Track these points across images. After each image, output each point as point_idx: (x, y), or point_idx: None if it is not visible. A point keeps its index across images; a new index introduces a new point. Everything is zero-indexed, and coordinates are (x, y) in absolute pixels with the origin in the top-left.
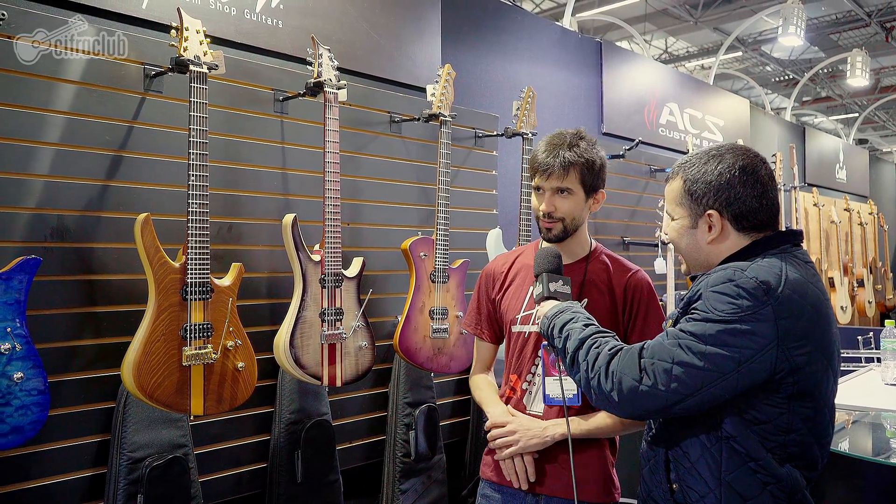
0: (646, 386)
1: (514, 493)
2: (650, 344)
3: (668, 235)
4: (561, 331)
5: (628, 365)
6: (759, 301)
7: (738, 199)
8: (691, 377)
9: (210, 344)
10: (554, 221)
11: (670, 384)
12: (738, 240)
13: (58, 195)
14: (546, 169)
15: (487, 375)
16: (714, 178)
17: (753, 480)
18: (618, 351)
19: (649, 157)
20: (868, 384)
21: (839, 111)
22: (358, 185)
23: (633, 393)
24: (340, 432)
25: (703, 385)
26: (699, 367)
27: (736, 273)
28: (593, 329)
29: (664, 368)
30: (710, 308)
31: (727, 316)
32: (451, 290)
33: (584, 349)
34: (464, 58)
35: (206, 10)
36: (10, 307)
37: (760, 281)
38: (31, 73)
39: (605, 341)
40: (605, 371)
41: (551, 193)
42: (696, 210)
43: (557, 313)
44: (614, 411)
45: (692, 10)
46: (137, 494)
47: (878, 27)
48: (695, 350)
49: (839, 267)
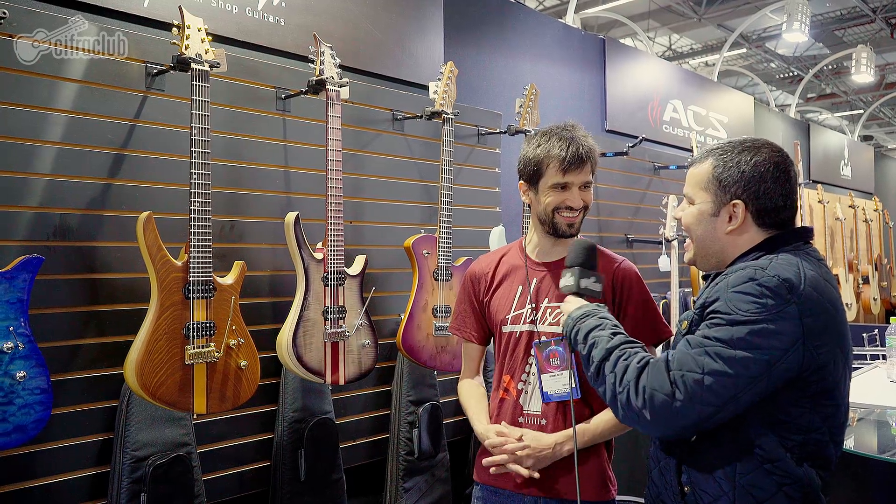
0: (679, 401)
1: (513, 496)
2: (675, 355)
3: (684, 220)
4: (586, 337)
5: (657, 379)
6: (783, 299)
7: (766, 194)
8: (724, 386)
9: (213, 342)
10: (580, 213)
11: (703, 395)
12: (755, 235)
13: (60, 194)
14: (579, 164)
15: (476, 381)
16: (749, 168)
17: (769, 482)
18: (646, 364)
19: (653, 154)
20: (873, 381)
21: (844, 108)
22: (360, 182)
23: (666, 409)
24: (344, 430)
25: (737, 393)
26: (730, 374)
27: (757, 272)
28: (621, 338)
29: (695, 379)
30: (733, 309)
31: (752, 316)
32: (454, 288)
33: (611, 360)
34: (466, 55)
35: (207, 8)
36: (12, 306)
37: (783, 279)
38: (33, 73)
39: (633, 352)
40: (635, 387)
41: (579, 187)
42: (722, 198)
43: (583, 316)
44: (646, 429)
45: (696, 6)
46: (141, 493)
47: (883, 23)
48: (724, 356)
49: (844, 264)
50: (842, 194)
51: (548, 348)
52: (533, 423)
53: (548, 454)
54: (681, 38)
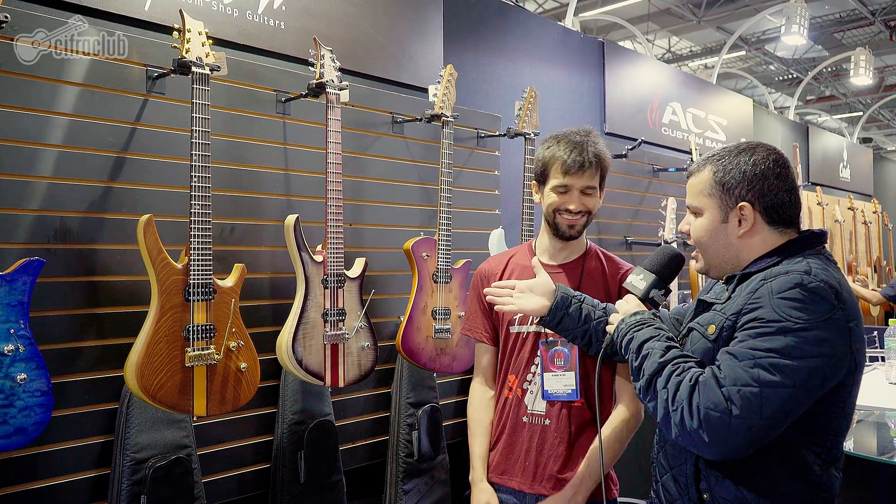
0: (737, 417)
1: (516, 494)
2: (724, 370)
3: (693, 233)
4: (640, 347)
5: (711, 398)
6: (831, 305)
7: (771, 191)
8: (782, 398)
9: (213, 345)
10: (580, 216)
11: (763, 409)
12: (768, 235)
13: (61, 197)
14: (580, 168)
15: (488, 398)
16: (749, 167)
17: (797, 489)
18: (697, 381)
19: (652, 156)
20: (873, 383)
21: (843, 110)
22: (360, 185)
23: (724, 428)
24: (343, 433)
25: (797, 403)
26: (787, 385)
27: (804, 278)
28: (675, 353)
29: (752, 393)
30: (783, 316)
31: (805, 324)
32: (454, 291)
33: (663, 375)
34: (466, 58)
35: (208, 12)
36: (13, 308)
37: (829, 285)
38: (32, 75)
39: (687, 367)
40: (689, 406)
41: (580, 192)
42: (728, 202)
43: (639, 324)
44: (703, 451)
45: (695, 9)
46: (141, 495)
47: (882, 26)
48: (780, 367)
49: (843, 266)
50: (841, 196)
51: (553, 348)
52: (536, 422)
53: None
54: (680, 40)
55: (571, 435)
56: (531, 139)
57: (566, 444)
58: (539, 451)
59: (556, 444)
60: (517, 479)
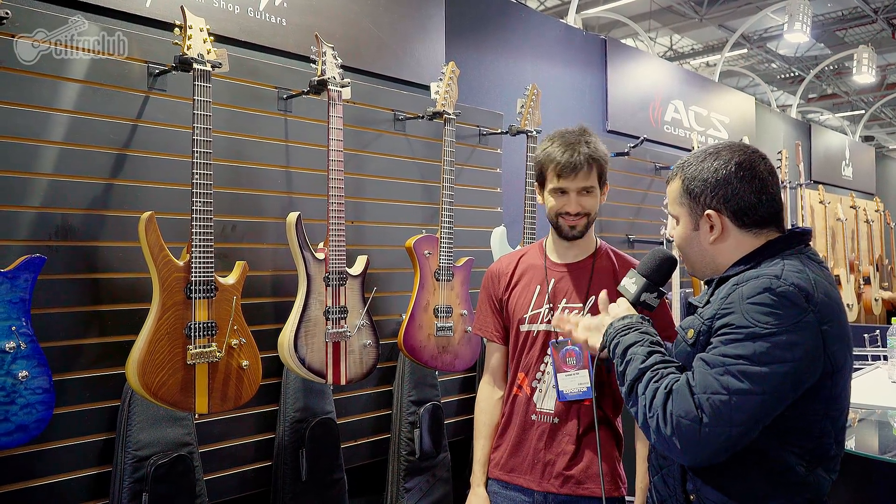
0: (707, 426)
1: (524, 491)
2: (696, 378)
3: (675, 241)
4: (624, 352)
5: (682, 405)
6: (801, 308)
7: (735, 195)
8: (752, 405)
9: (214, 342)
10: (580, 218)
11: (732, 416)
12: (742, 238)
13: (62, 194)
14: (573, 170)
15: (496, 399)
16: (710, 174)
17: (779, 490)
18: (672, 388)
19: (654, 154)
20: (874, 382)
21: (845, 108)
22: (362, 183)
23: (694, 435)
24: (345, 430)
25: (766, 409)
26: (756, 392)
27: (773, 282)
28: (657, 358)
29: (721, 401)
30: (751, 321)
31: (773, 328)
32: (456, 288)
33: (643, 381)
34: (468, 55)
35: (209, 9)
36: (14, 306)
37: (799, 288)
38: (33, 72)
39: (665, 373)
40: (663, 413)
41: (577, 193)
42: (696, 209)
43: (625, 328)
44: (679, 458)
45: (697, 6)
46: (142, 493)
47: (885, 23)
48: (749, 374)
49: (845, 264)
50: (843, 195)
51: (565, 348)
52: (545, 420)
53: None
54: (682, 38)
55: (580, 433)
56: (533, 137)
57: (574, 442)
58: (547, 449)
59: (564, 442)
60: (526, 477)
